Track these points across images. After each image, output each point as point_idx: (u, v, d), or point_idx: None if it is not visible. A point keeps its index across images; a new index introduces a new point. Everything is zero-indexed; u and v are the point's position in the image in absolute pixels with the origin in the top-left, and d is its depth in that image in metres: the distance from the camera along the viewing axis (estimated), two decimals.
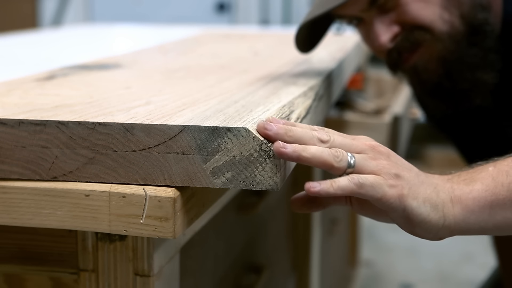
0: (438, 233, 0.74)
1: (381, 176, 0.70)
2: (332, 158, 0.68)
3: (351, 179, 0.68)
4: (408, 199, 0.71)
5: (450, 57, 0.99)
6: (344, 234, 2.15)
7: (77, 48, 1.52)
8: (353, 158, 0.69)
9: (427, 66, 1.01)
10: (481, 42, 0.99)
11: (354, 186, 0.68)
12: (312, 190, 0.68)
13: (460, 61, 0.99)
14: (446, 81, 1.01)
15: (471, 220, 0.74)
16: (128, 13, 4.31)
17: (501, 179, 0.75)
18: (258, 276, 1.05)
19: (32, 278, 0.66)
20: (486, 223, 0.75)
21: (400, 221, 0.73)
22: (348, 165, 0.69)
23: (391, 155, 0.73)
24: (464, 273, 2.59)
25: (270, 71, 1.02)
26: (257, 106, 0.71)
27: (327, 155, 0.68)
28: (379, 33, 0.99)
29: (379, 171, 0.70)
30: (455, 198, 0.74)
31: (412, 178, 0.72)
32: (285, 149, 0.64)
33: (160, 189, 0.59)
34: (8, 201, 0.61)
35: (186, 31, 1.88)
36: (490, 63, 1.01)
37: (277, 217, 1.24)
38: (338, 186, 0.68)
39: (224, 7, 4.34)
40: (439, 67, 1.00)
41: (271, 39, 1.70)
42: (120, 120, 0.60)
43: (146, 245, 0.62)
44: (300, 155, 0.66)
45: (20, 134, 0.61)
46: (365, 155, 0.71)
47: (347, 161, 0.69)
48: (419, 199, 0.72)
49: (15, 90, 0.79)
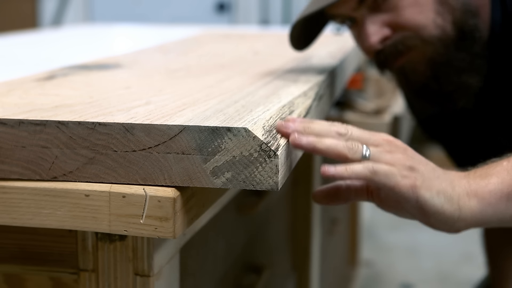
0: (454, 225, 0.76)
1: (396, 167, 0.72)
2: (347, 150, 0.71)
3: (366, 166, 0.71)
4: (421, 190, 0.73)
5: (439, 60, 1.01)
6: (344, 234, 2.15)
7: (77, 48, 1.52)
8: (368, 151, 0.72)
9: (415, 68, 1.02)
10: (469, 48, 1.01)
11: (368, 172, 0.70)
12: (326, 173, 0.70)
13: (448, 64, 1.01)
14: (433, 83, 1.03)
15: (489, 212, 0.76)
16: (128, 13, 4.31)
17: None
18: (258, 276, 1.05)
19: (32, 278, 0.66)
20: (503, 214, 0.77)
21: (415, 212, 0.75)
22: (363, 157, 0.71)
23: (407, 149, 0.75)
24: (464, 273, 2.59)
25: (270, 71, 1.02)
26: (257, 106, 0.71)
27: (342, 147, 0.70)
28: (369, 33, 1.00)
29: (394, 163, 0.72)
30: (471, 192, 0.76)
31: (427, 172, 0.74)
32: (300, 141, 0.67)
33: (160, 189, 0.59)
34: (8, 201, 0.61)
35: (186, 31, 1.88)
36: (476, 68, 1.03)
37: (277, 217, 1.24)
38: (352, 171, 0.70)
39: (224, 7, 4.34)
40: (427, 69, 1.02)
41: (271, 39, 1.70)
42: (120, 120, 0.60)
43: (146, 245, 0.62)
44: (315, 147, 0.69)
45: (20, 134, 0.61)
46: (381, 148, 0.73)
47: (362, 153, 0.71)
48: (433, 191, 0.74)
49: (15, 90, 0.79)
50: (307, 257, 1.39)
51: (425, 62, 1.01)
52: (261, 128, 0.61)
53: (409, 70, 1.03)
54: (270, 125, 0.64)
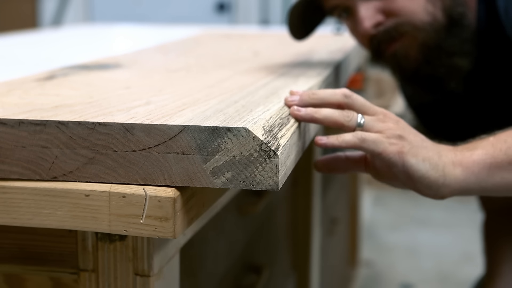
0: (439, 190, 0.81)
1: (385, 135, 0.78)
2: (342, 118, 0.77)
3: (355, 134, 0.77)
4: (408, 156, 0.79)
5: (430, 44, 1.05)
6: (344, 234, 2.15)
7: (77, 48, 1.52)
8: (363, 119, 0.78)
9: (407, 53, 1.06)
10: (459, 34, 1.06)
11: (357, 140, 0.76)
12: (319, 142, 0.76)
13: (439, 48, 1.06)
14: (424, 67, 1.07)
15: (472, 180, 0.82)
16: (128, 13, 4.31)
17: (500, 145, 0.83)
18: (258, 276, 1.05)
19: (32, 278, 0.66)
20: (485, 183, 0.83)
21: (402, 177, 0.81)
22: (357, 124, 0.78)
23: (400, 121, 0.81)
24: (464, 273, 2.59)
25: (270, 71, 1.02)
26: (257, 106, 0.71)
27: (338, 115, 0.77)
28: (363, 18, 1.04)
29: (384, 131, 0.79)
30: (456, 161, 0.82)
31: (415, 141, 0.81)
32: (299, 112, 0.74)
33: (160, 189, 0.59)
34: (8, 201, 0.61)
35: (186, 31, 1.88)
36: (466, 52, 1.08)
37: (277, 217, 1.24)
38: (342, 139, 0.76)
39: (224, 7, 4.34)
40: (419, 54, 1.06)
41: (271, 39, 1.70)
42: (120, 120, 0.60)
43: (146, 245, 0.62)
44: (313, 117, 0.75)
45: (20, 134, 0.61)
46: (375, 117, 0.80)
47: (357, 121, 0.78)
48: (419, 157, 0.80)
49: (15, 90, 0.79)
50: (307, 257, 1.39)
51: (417, 47, 1.05)
52: (261, 128, 0.61)
53: (401, 56, 1.07)
54: (270, 125, 0.64)
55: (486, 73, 1.12)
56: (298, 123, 0.73)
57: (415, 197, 3.41)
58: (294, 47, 1.40)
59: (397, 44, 1.06)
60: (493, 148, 0.83)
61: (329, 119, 0.76)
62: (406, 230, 3.02)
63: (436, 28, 1.04)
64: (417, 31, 1.04)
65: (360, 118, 0.78)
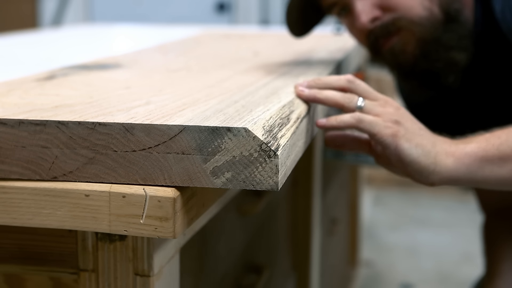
0: (429, 177, 0.85)
1: (382, 118, 0.82)
2: (343, 99, 0.82)
3: (353, 115, 0.82)
4: (401, 140, 0.83)
5: (428, 39, 1.06)
6: (344, 234, 2.15)
7: (77, 48, 1.52)
8: (364, 102, 0.83)
9: (404, 48, 1.07)
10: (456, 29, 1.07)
11: (353, 120, 0.82)
12: (320, 124, 0.83)
13: (436, 42, 1.06)
14: (422, 62, 1.07)
15: (462, 170, 0.86)
16: (128, 13, 4.31)
17: (493, 140, 0.87)
18: (258, 276, 1.05)
19: (32, 278, 0.66)
20: (475, 174, 0.86)
21: (394, 159, 0.84)
22: (357, 107, 0.83)
23: (400, 108, 0.85)
24: (464, 273, 2.59)
25: (270, 71, 1.02)
26: (257, 106, 0.71)
27: (339, 97, 0.82)
28: (360, 13, 1.05)
29: (382, 115, 0.83)
30: (449, 152, 0.86)
31: (411, 128, 0.85)
32: (303, 92, 0.81)
33: (160, 189, 0.59)
34: (8, 201, 0.61)
35: (186, 31, 1.88)
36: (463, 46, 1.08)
37: (277, 217, 1.24)
38: (341, 120, 0.82)
39: (224, 7, 4.34)
40: (416, 48, 1.06)
41: (271, 39, 1.70)
42: (120, 120, 0.60)
43: (146, 245, 0.62)
44: (316, 97, 0.81)
45: (20, 134, 0.61)
46: (376, 102, 0.84)
47: (357, 103, 0.83)
48: (412, 143, 0.83)
49: (15, 90, 0.79)
50: (307, 257, 1.39)
51: (414, 42, 1.06)
52: (261, 128, 0.61)
53: (399, 51, 1.07)
54: (270, 125, 0.64)
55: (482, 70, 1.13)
56: (298, 123, 0.73)
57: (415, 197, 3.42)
58: (294, 47, 1.40)
59: (394, 39, 1.06)
60: (486, 143, 0.87)
61: (331, 99, 0.82)
62: (406, 230, 3.02)
63: (433, 23, 1.05)
64: (414, 26, 1.05)
65: (361, 101, 0.83)
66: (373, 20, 1.06)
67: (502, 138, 0.87)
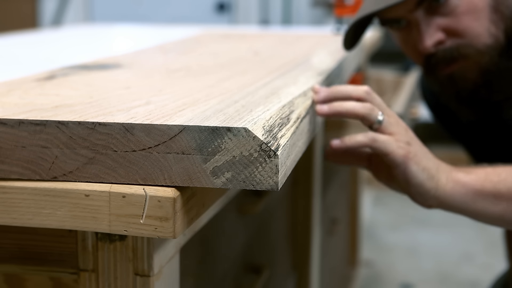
0: (428, 200, 0.88)
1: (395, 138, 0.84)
2: (363, 111, 0.83)
3: (366, 135, 0.84)
4: (411, 161, 0.84)
5: (492, 69, 1.01)
6: (344, 234, 2.15)
7: (77, 48, 1.52)
8: (382, 116, 0.84)
9: (465, 75, 1.02)
10: None
11: (367, 140, 0.83)
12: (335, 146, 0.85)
13: (500, 73, 1.02)
14: (483, 90, 1.03)
15: (457, 199, 0.88)
16: (128, 13, 4.32)
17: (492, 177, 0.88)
18: (258, 276, 1.05)
19: (32, 278, 0.66)
20: (467, 206, 0.88)
21: (401, 179, 0.86)
22: (377, 120, 0.84)
23: (408, 130, 0.87)
24: (464, 273, 2.59)
25: (270, 71, 1.02)
26: (257, 106, 0.71)
27: (360, 108, 0.83)
28: (425, 36, 1.00)
29: (395, 135, 0.84)
30: (450, 178, 0.88)
31: (420, 151, 0.86)
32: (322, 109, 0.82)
33: (160, 189, 0.59)
34: (8, 201, 0.61)
35: (186, 31, 1.88)
36: None
37: (277, 217, 1.24)
38: (355, 139, 0.84)
39: (224, 7, 4.34)
40: (478, 77, 1.02)
41: (271, 39, 1.70)
42: (120, 120, 0.60)
43: (146, 245, 0.62)
44: (336, 111, 0.82)
45: (20, 134, 0.61)
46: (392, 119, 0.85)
47: (377, 117, 0.84)
48: (420, 166, 0.85)
49: (15, 90, 0.79)
50: (307, 257, 1.39)
51: (477, 70, 1.01)
52: (261, 128, 0.61)
53: (459, 77, 1.03)
54: (270, 125, 0.64)
55: None
56: (298, 123, 0.73)
57: None
58: (294, 47, 1.40)
59: (456, 65, 1.02)
60: (485, 178, 0.88)
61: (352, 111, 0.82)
62: (406, 230, 3.02)
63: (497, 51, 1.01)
64: (479, 55, 1.00)
65: (380, 115, 0.84)
66: (437, 44, 1.01)
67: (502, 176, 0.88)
